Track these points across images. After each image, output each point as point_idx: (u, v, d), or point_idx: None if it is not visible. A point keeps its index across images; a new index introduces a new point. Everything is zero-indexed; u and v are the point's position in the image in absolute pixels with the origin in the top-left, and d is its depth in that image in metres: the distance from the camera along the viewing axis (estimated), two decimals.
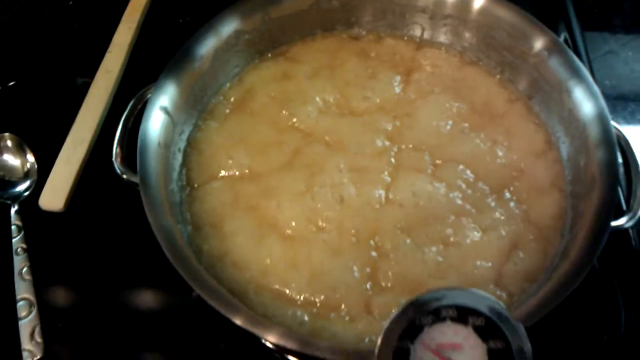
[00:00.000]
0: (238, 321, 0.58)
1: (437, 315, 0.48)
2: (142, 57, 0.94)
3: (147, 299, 0.74)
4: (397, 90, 0.82)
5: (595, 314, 0.72)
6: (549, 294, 0.60)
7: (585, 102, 0.73)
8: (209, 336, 0.71)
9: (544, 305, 0.59)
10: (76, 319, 0.73)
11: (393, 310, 0.48)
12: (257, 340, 0.68)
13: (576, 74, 0.74)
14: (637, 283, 0.73)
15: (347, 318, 0.66)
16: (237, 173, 0.76)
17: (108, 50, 0.93)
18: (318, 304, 0.67)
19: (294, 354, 0.67)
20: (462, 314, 0.48)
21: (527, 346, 0.47)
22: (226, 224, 0.72)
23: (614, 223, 0.67)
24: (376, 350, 0.47)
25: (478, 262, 0.69)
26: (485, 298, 0.48)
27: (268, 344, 0.68)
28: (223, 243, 0.71)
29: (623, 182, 0.77)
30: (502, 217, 0.72)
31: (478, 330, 0.48)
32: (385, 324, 0.47)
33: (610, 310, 0.72)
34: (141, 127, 0.70)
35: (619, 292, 0.73)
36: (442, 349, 0.48)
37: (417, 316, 0.48)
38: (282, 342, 0.57)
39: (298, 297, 0.67)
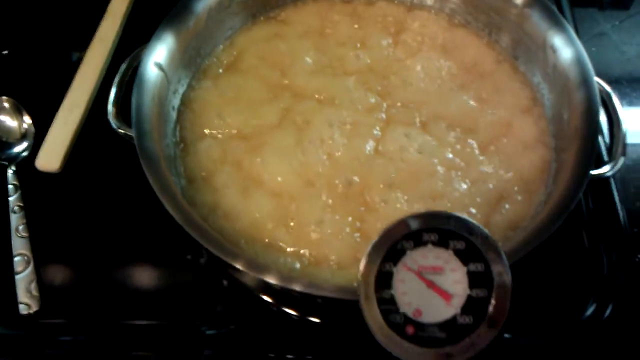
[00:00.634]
0: (239, 265, 0.59)
1: (419, 239, 0.50)
2: (138, 24, 0.95)
3: (143, 256, 0.75)
4: (388, 50, 0.84)
5: (578, 258, 0.74)
6: (527, 238, 0.62)
7: (566, 53, 0.75)
8: (205, 294, 0.73)
9: (521, 248, 0.60)
10: (72, 275, 0.74)
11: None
12: (253, 296, 0.70)
13: (556, 25, 0.76)
14: (617, 227, 0.75)
15: (335, 267, 0.68)
16: (227, 130, 0.77)
17: (104, 17, 0.94)
18: (308, 255, 0.68)
19: (289, 302, 0.69)
20: (444, 238, 0.50)
21: (507, 269, 0.49)
22: (216, 178, 0.73)
23: (596, 172, 0.69)
24: (360, 271, 0.48)
25: (465, 213, 0.70)
26: (467, 221, 0.50)
27: (264, 297, 0.70)
28: (214, 196, 0.72)
29: (607, 135, 0.79)
30: (489, 171, 0.74)
31: (459, 253, 0.50)
32: (368, 247, 0.49)
33: (593, 254, 0.74)
34: (136, 81, 0.71)
35: (601, 238, 0.75)
36: (424, 271, 0.49)
37: (399, 240, 0.49)
38: (281, 283, 0.58)
39: (288, 249, 0.69)
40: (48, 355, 0.70)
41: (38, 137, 0.83)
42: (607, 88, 0.74)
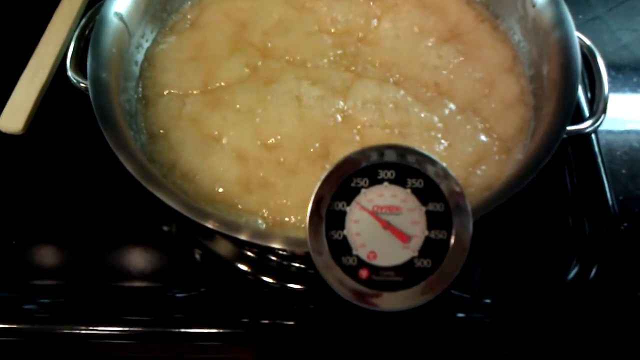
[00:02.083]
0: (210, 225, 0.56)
1: (374, 177, 0.46)
2: None
3: (111, 222, 0.73)
4: (363, 7, 0.81)
5: (562, 221, 0.71)
6: (497, 193, 0.58)
7: (548, 9, 0.71)
8: (177, 262, 0.71)
9: (490, 203, 0.56)
10: (35, 240, 0.72)
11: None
12: (228, 264, 0.68)
13: None
14: (597, 186, 0.73)
15: (302, 225, 0.64)
16: (187, 87, 0.74)
17: None
18: (271, 217, 0.65)
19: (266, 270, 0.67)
20: (401, 176, 0.46)
21: (467, 206, 0.46)
22: (173, 135, 0.70)
23: (575, 127, 0.65)
24: (308, 211, 0.45)
25: None
26: (425, 157, 0.47)
27: (240, 266, 0.68)
28: (171, 154, 0.69)
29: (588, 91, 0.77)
30: (469, 131, 0.71)
31: (417, 192, 0.46)
32: (318, 182, 0.45)
33: (566, 210, 0.72)
34: (94, 30, 0.69)
35: (585, 207, 0.72)
36: (379, 210, 0.46)
37: (353, 178, 0.46)
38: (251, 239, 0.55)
39: (251, 209, 0.66)
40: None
41: (2, 97, 0.80)
42: (589, 43, 0.71)
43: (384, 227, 0.46)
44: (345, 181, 0.45)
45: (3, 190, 0.75)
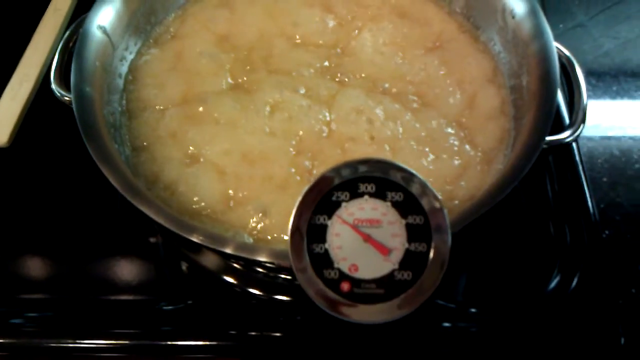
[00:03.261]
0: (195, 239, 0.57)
1: (354, 190, 0.47)
2: None
3: (98, 236, 0.72)
4: (347, 18, 0.82)
5: (543, 234, 0.72)
6: (476, 204, 0.59)
7: (527, 21, 0.72)
8: (163, 275, 0.71)
9: (469, 215, 0.57)
10: (21, 255, 0.71)
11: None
12: (214, 277, 0.68)
13: None
14: (578, 194, 0.73)
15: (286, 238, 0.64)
16: (169, 99, 0.74)
17: None
18: (256, 232, 0.65)
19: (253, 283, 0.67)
20: (381, 189, 0.47)
21: (446, 221, 0.46)
22: (156, 149, 0.70)
23: (555, 137, 0.66)
24: (289, 225, 0.46)
25: None
26: (405, 171, 0.47)
27: (227, 278, 0.68)
28: (154, 166, 0.69)
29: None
30: (453, 143, 0.71)
31: (397, 205, 0.47)
32: (299, 197, 0.46)
33: (559, 231, 0.72)
34: (77, 44, 0.69)
35: (567, 215, 0.73)
36: (360, 224, 0.47)
37: (334, 191, 0.46)
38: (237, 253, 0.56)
39: (235, 224, 0.65)
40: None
41: None
42: (567, 53, 0.72)
43: (364, 240, 0.47)
44: (325, 195, 0.46)
45: None
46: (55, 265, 0.71)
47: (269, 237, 0.64)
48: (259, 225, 0.64)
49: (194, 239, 0.56)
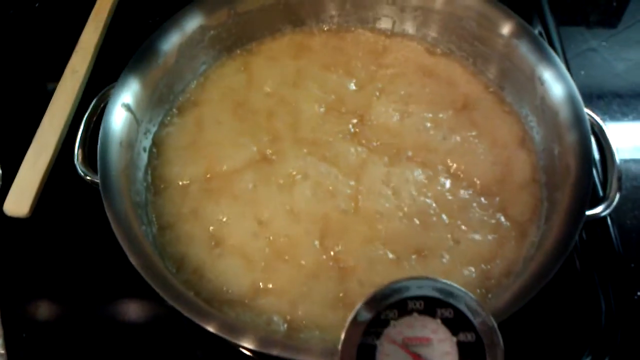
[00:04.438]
0: (211, 328, 0.55)
1: (403, 308, 0.46)
2: (110, 58, 0.91)
3: (115, 306, 0.71)
4: (369, 82, 0.80)
5: (574, 307, 0.70)
6: (522, 288, 0.58)
7: (556, 87, 0.71)
8: (183, 343, 0.69)
9: (517, 300, 0.57)
10: (41, 329, 0.70)
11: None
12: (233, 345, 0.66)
13: (545, 58, 0.73)
14: (617, 273, 0.72)
15: (318, 332, 0.63)
16: (196, 174, 0.73)
17: (74, 51, 0.90)
18: (289, 318, 0.64)
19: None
20: (430, 306, 0.46)
21: (499, 339, 0.45)
22: (179, 227, 0.69)
23: (589, 212, 0.65)
24: (339, 347, 0.44)
25: (465, 271, 0.66)
26: (454, 288, 0.46)
27: (245, 351, 0.66)
28: (180, 246, 0.68)
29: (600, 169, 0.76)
30: (487, 217, 0.70)
31: (447, 322, 0.46)
32: (348, 319, 0.45)
33: (590, 302, 0.70)
34: (102, 126, 0.68)
35: (599, 284, 0.71)
36: (410, 342, 0.45)
37: (382, 310, 0.45)
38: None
39: (267, 311, 0.64)
40: None
41: (6, 179, 0.79)
42: (599, 120, 0.71)
43: None
44: (375, 315, 0.45)
45: (11, 272, 0.73)
46: (74, 336, 0.70)
47: (304, 322, 0.63)
48: (288, 317, 0.63)
49: (210, 329, 0.55)
